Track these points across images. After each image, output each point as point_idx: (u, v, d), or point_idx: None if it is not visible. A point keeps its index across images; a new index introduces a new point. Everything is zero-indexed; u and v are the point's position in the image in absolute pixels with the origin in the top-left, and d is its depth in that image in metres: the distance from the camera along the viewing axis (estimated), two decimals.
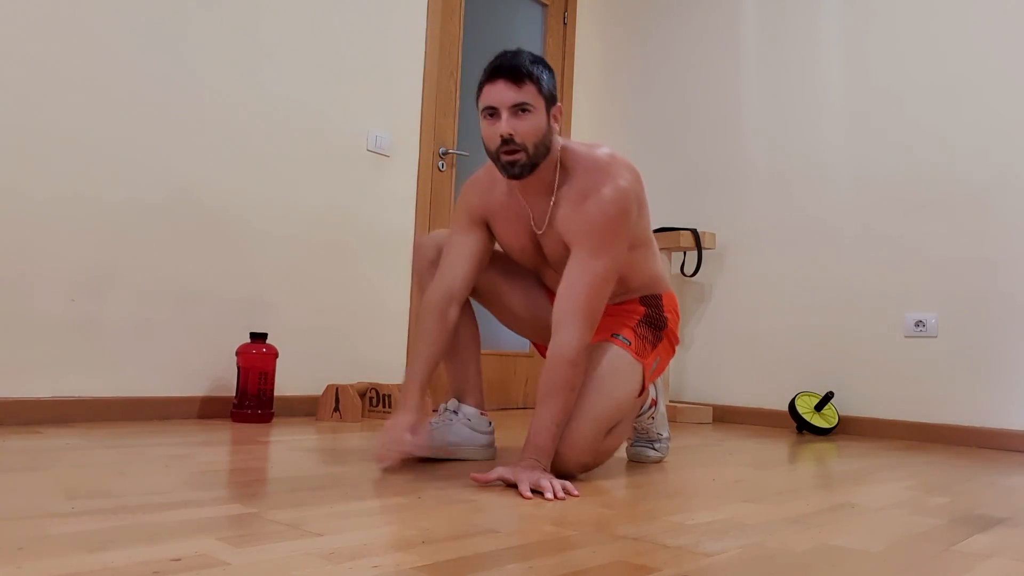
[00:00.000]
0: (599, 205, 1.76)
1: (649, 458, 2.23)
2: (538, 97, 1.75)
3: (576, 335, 1.72)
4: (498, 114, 1.75)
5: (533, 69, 1.75)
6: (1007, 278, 3.17)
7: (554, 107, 1.80)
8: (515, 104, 1.73)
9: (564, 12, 4.28)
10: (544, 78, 1.77)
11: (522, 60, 1.75)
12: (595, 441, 1.83)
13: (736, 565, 1.16)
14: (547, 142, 1.79)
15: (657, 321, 2.02)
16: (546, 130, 1.77)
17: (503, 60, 1.76)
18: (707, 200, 4.01)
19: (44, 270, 2.45)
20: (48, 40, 2.46)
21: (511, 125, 1.74)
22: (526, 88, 1.74)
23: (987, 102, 3.26)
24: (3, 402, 2.35)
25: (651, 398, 2.16)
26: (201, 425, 2.56)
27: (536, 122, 1.75)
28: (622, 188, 1.77)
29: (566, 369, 1.71)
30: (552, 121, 1.80)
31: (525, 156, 1.76)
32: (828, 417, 3.42)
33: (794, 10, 3.82)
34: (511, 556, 1.14)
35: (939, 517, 1.62)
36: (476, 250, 1.97)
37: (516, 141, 1.74)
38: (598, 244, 1.76)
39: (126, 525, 1.20)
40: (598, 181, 1.78)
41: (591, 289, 1.74)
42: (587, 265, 1.75)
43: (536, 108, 1.75)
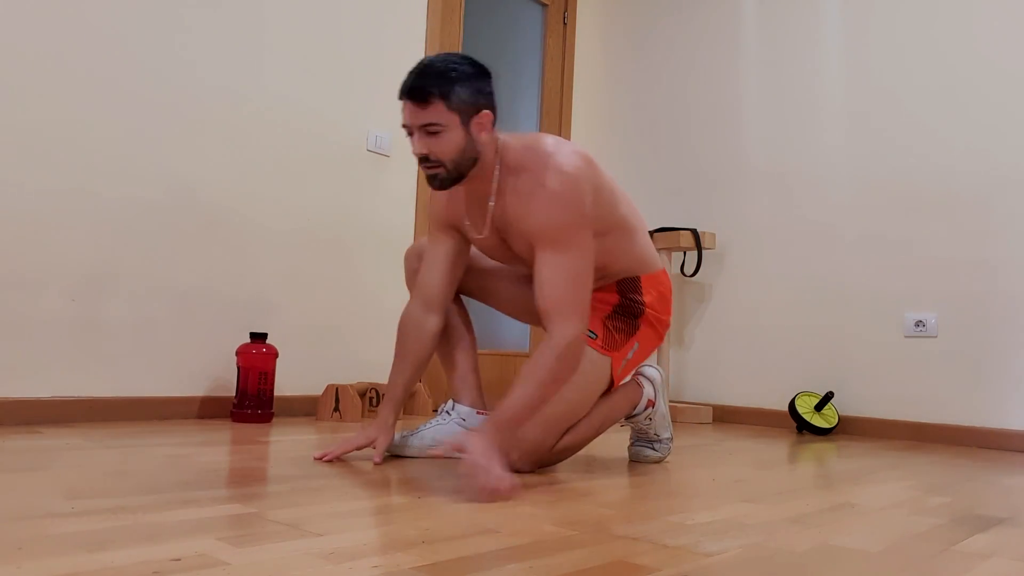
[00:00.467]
0: (548, 198, 1.72)
1: (648, 458, 2.22)
2: (448, 113, 1.69)
3: (572, 327, 1.70)
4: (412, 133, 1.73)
5: (438, 86, 1.68)
6: (1007, 278, 3.17)
7: (476, 116, 1.73)
8: (423, 125, 1.70)
9: (564, 12, 4.28)
10: (456, 91, 1.69)
11: (427, 78, 1.69)
12: (543, 445, 1.89)
13: (736, 565, 1.16)
14: (471, 154, 1.75)
15: (632, 308, 1.99)
16: (465, 144, 1.73)
17: (408, 78, 1.71)
18: (707, 200, 4.01)
19: (44, 270, 2.45)
20: (48, 40, 2.46)
21: (424, 144, 1.72)
22: (432, 107, 1.69)
23: (987, 102, 3.26)
24: (3, 402, 2.35)
25: (647, 398, 2.14)
26: (201, 425, 2.56)
27: (450, 139, 1.71)
28: (569, 176, 1.73)
29: (557, 362, 1.69)
30: (476, 131, 1.74)
31: (444, 171, 1.74)
32: (828, 417, 3.42)
33: (794, 10, 3.82)
34: (511, 556, 1.14)
35: (939, 517, 1.62)
36: (449, 255, 1.97)
37: (431, 159, 1.73)
38: (558, 238, 1.72)
39: (126, 525, 1.20)
40: (543, 174, 1.74)
41: (568, 283, 1.72)
42: (555, 261, 1.72)
43: (447, 125, 1.70)
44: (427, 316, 1.97)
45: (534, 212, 1.73)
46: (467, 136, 1.73)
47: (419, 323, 1.97)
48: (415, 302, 1.98)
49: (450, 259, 1.97)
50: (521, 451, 1.88)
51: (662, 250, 3.83)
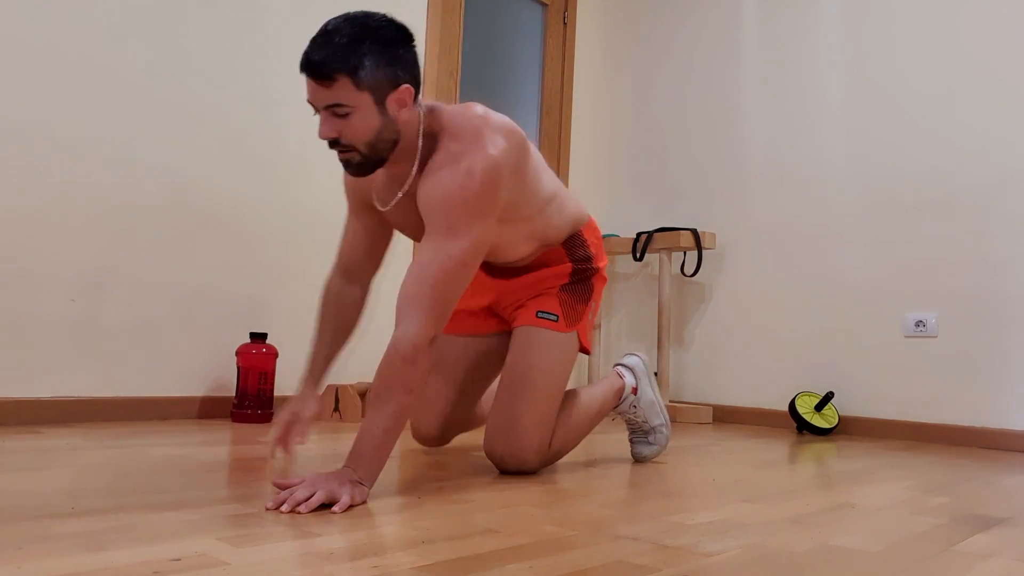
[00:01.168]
0: (458, 179, 1.52)
1: (646, 456, 2.20)
2: (357, 93, 1.45)
3: (417, 328, 1.49)
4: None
5: (344, 61, 1.43)
6: (1007, 278, 3.17)
7: (393, 92, 1.49)
8: (328, 105, 1.47)
9: (564, 12, 4.28)
10: (366, 65, 1.44)
11: (329, 51, 1.43)
12: (543, 444, 1.87)
13: (736, 565, 1.16)
14: (388, 135, 1.52)
15: (585, 271, 1.96)
16: (380, 125, 1.50)
17: (309, 49, 1.45)
18: (707, 200, 4.01)
19: (44, 270, 2.45)
20: (48, 40, 2.46)
21: (331, 127, 1.49)
22: (338, 86, 1.44)
23: (986, 103, 3.26)
24: (3, 402, 2.35)
25: (628, 386, 2.12)
26: (201, 425, 2.56)
27: (361, 121, 1.48)
28: (489, 158, 1.54)
29: (402, 367, 1.48)
30: (394, 109, 1.51)
31: (358, 155, 1.52)
32: (828, 417, 3.42)
33: (794, 11, 3.82)
34: (511, 556, 1.14)
35: (939, 517, 1.62)
36: (368, 230, 1.82)
37: (342, 143, 1.50)
38: (456, 222, 1.52)
39: (126, 525, 1.20)
40: (460, 151, 1.54)
41: (443, 274, 1.51)
42: (441, 247, 1.52)
43: (357, 105, 1.46)
44: (348, 287, 1.85)
45: (440, 190, 1.53)
46: (382, 116, 1.50)
47: (340, 293, 1.84)
48: (335, 274, 1.86)
49: (369, 234, 1.82)
50: (522, 457, 1.86)
51: (662, 250, 3.83)
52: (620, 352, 4.27)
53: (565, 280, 1.95)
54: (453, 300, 1.54)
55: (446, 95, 3.64)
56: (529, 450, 1.86)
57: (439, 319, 1.52)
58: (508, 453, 1.86)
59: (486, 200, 1.54)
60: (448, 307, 1.53)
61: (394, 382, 1.48)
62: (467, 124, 1.57)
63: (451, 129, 1.57)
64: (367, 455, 1.47)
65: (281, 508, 1.34)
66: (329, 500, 1.38)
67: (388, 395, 1.48)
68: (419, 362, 1.49)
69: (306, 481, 1.41)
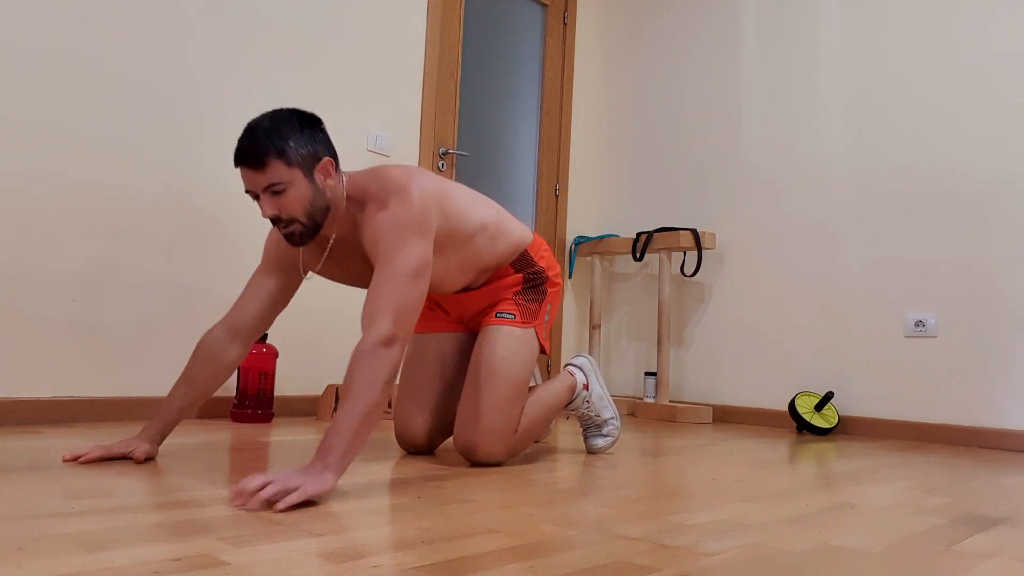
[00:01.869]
0: (394, 209, 1.72)
1: (601, 448, 2.34)
2: (289, 170, 1.66)
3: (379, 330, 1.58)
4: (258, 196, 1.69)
5: (272, 145, 1.64)
6: (1007, 278, 3.17)
7: (318, 165, 1.71)
8: (266, 187, 1.66)
9: (564, 12, 4.28)
10: (291, 146, 1.66)
11: (257, 140, 1.65)
12: (508, 429, 1.98)
13: (736, 565, 1.16)
14: (321, 203, 1.72)
15: (536, 279, 2.12)
16: (313, 194, 1.70)
17: (240, 144, 1.66)
18: (707, 200, 4.01)
19: (44, 270, 2.45)
20: (48, 41, 2.46)
21: (272, 205, 1.67)
22: (271, 168, 1.65)
23: (987, 102, 3.26)
24: (3, 402, 2.35)
25: (579, 383, 2.27)
26: (201, 425, 2.56)
27: (296, 194, 1.68)
28: (417, 189, 1.75)
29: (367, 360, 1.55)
30: (321, 180, 1.72)
31: (300, 226, 1.71)
32: (828, 417, 3.42)
33: (793, 11, 3.82)
34: (511, 556, 1.14)
35: (939, 517, 1.62)
36: (273, 292, 1.89)
37: (284, 218, 1.69)
38: (400, 242, 1.69)
39: (126, 525, 1.20)
40: (387, 196, 1.74)
41: (397, 287, 1.64)
42: (391, 264, 1.67)
43: (291, 181, 1.66)
44: (230, 345, 1.86)
45: (377, 225, 1.71)
46: (313, 187, 1.70)
47: (219, 350, 1.85)
48: (222, 326, 1.87)
49: (273, 296, 1.90)
50: (490, 440, 1.96)
51: (662, 250, 3.83)
52: (620, 352, 4.27)
53: (518, 287, 2.11)
54: (409, 310, 1.65)
55: (446, 95, 3.65)
56: (495, 435, 1.96)
57: (397, 323, 1.61)
58: (475, 440, 1.95)
59: (422, 220, 1.73)
60: (404, 314, 1.64)
61: (356, 376, 1.54)
62: (388, 178, 1.77)
63: (375, 187, 1.77)
64: (332, 444, 1.49)
65: (235, 502, 1.37)
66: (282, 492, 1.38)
67: (352, 388, 1.53)
68: (378, 354, 1.56)
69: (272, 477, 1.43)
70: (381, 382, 1.54)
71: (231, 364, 1.88)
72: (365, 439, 1.52)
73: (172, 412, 1.84)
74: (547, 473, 1.93)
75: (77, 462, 1.73)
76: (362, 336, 1.61)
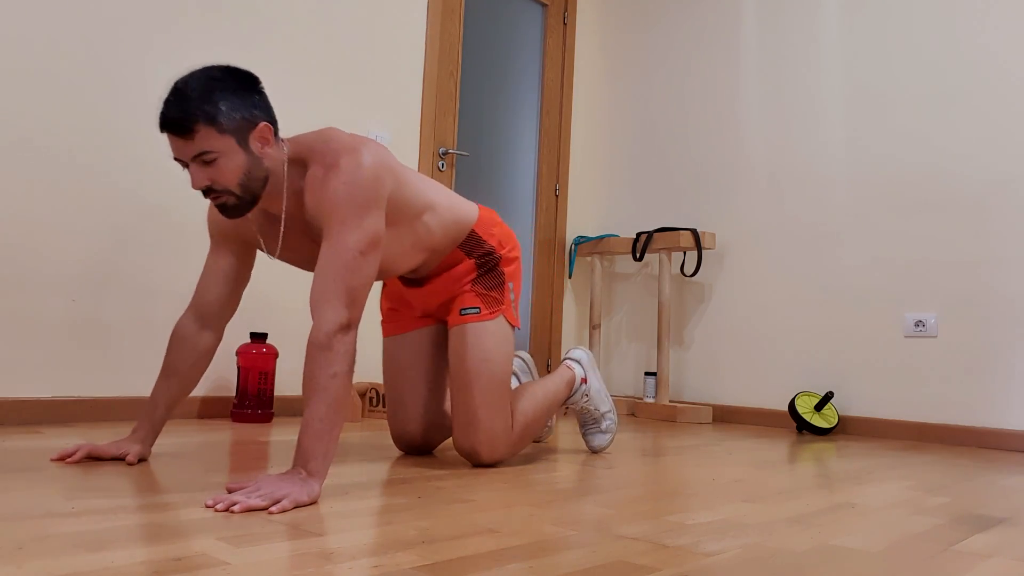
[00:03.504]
0: (343, 176, 1.58)
1: (601, 446, 2.35)
2: (220, 137, 1.52)
3: (327, 317, 1.51)
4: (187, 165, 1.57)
5: (201, 111, 1.50)
6: (1007, 278, 3.17)
7: (254, 131, 1.57)
8: (195, 156, 1.53)
9: (564, 12, 4.28)
10: (223, 110, 1.52)
11: (186, 107, 1.50)
12: (506, 427, 1.98)
13: (736, 565, 1.16)
14: (258, 173, 1.59)
15: (488, 261, 2.04)
16: (248, 164, 1.57)
17: (164, 110, 1.52)
18: (707, 200, 4.02)
19: (44, 270, 2.45)
20: (49, 41, 2.46)
21: (203, 176, 1.55)
22: (200, 136, 1.51)
23: (987, 101, 3.26)
24: (3, 402, 2.35)
25: (578, 377, 2.26)
26: (201, 425, 2.56)
27: (229, 164, 1.54)
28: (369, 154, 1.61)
29: (319, 355, 1.49)
30: (258, 148, 1.59)
31: (233, 198, 1.58)
32: (828, 417, 3.42)
33: (793, 11, 3.82)
34: (511, 556, 1.14)
35: (939, 517, 1.62)
36: (231, 269, 1.82)
37: (216, 189, 1.56)
38: (347, 216, 1.56)
39: (126, 525, 1.20)
40: (336, 160, 1.59)
41: (345, 267, 1.54)
42: (338, 240, 1.55)
43: (223, 150, 1.53)
44: (201, 332, 1.81)
45: (328, 192, 1.57)
46: (248, 156, 1.57)
47: (192, 339, 1.80)
48: (189, 315, 1.81)
49: (230, 275, 1.81)
50: (491, 442, 1.95)
51: (662, 250, 3.83)
52: (620, 352, 4.27)
53: (473, 275, 2.03)
54: (361, 291, 1.56)
55: (446, 95, 3.65)
56: (494, 437, 1.95)
57: (350, 308, 1.53)
58: (476, 446, 1.95)
59: (372, 191, 1.60)
60: (357, 297, 1.55)
61: (316, 372, 1.49)
62: (337, 138, 1.63)
63: (321, 146, 1.63)
64: (310, 450, 1.47)
65: (216, 507, 1.34)
66: (270, 501, 1.36)
67: (314, 386, 1.49)
68: (335, 347, 1.50)
69: (254, 483, 1.43)
70: (343, 375, 1.49)
71: (208, 351, 1.82)
72: (338, 436, 1.51)
73: (159, 410, 1.80)
74: (547, 473, 1.93)
75: (64, 462, 1.71)
76: (313, 323, 1.52)
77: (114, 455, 1.75)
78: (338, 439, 1.49)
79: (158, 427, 1.82)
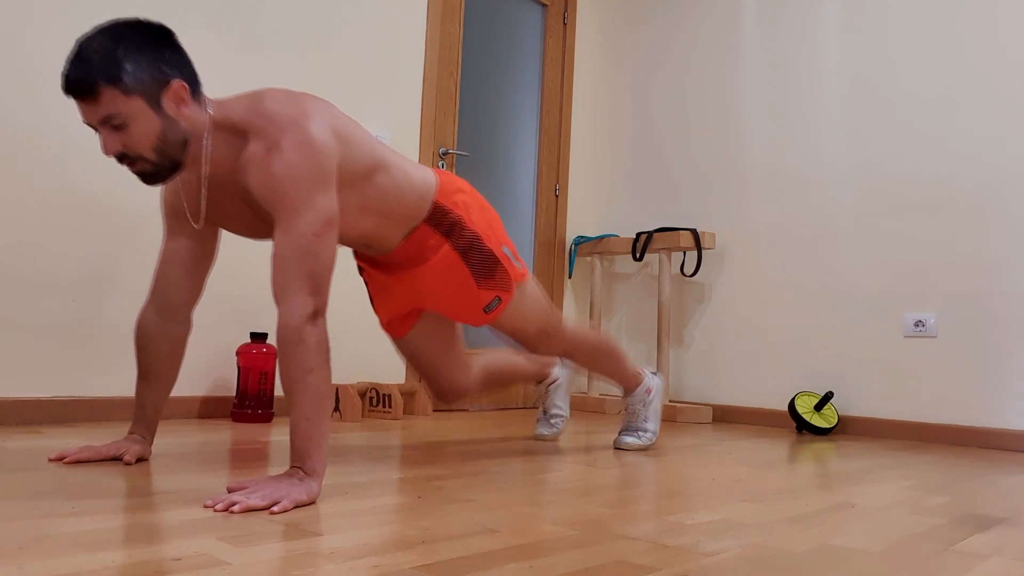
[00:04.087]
0: (288, 156, 1.47)
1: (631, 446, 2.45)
2: (127, 99, 1.43)
3: (291, 309, 1.45)
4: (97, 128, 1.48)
5: (103, 71, 1.40)
6: (1006, 278, 3.17)
7: (166, 91, 1.47)
8: (102, 120, 1.44)
9: (564, 12, 4.28)
10: (127, 70, 1.42)
11: (86, 65, 1.40)
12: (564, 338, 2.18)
13: (736, 565, 1.16)
14: (175, 136, 1.50)
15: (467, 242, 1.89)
16: (162, 127, 1.48)
17: (65, 71, 1.42)
18: (707, 200, 4.01)
19: (44, 270, 2.45)
20: (49, 40, 2.46)
21: (113, 141, 1.46)
22: (105, 98, 1.42)
23: (986, 103, 3.26)
24: (3, 402, 2.35)
25: (647, 386, 2.45)
26: (201, 425, 2.56)
27: (140, 128, 1.45)
28: (312, 126, 1.50)
29: (291, 352, 1.44)
30: (172, 108, 1.48)
31: (150, 165, 1.50)
32: (828, 417, 3.42)
33: (794, 11, 3.82)
34: (511, 556, 1.14)
35: (939, 517, 1.62)
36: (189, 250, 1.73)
37: (129, 155, 1.48)
38: (297, 199, 1.47)
39: (126, 525, 1.20)
40: (279, 134, 1.48)
41: (302, 253, 1.46)
42: (290, 225, 1.47)
43: (131, 113, 1.44)
44: (167, 325, 1.74)
45: (272, 176, 1.48)
46: (162, 118, 1.47)
47: (160, 334, 1.74)
48: (151, 309, 1.74)
49: (188, 259, 1.73)
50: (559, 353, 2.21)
51: (662, 250, 3.83)
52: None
53: (463, 266, 1.90)
54: (323, 275, 1.49)
55: (446, 95, 3.65)
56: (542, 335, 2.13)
57: (313, 294, 1.47)
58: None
59: (319, 168, 1.50)
60: (320, 282, 1.48)
61: (291, 369, 1.45)
62: (275, 111, 1.51)
63: (261, 122, 1.52)
64: (304, 450, 1.45)
65: (216, 507, 1.34)
66: (270, 502, 1.36)
67: (293, 384, 1.45)
68: (305, 340, 1.44)
69: (254, 483, 1.43)
70: (319, 368, 1.45)
71: (179, 342, 1.76)
72: (328, 429, 1.48)
73: (147, 411, 1.78)
74: (547, 473, 1.93)
75: (62, 462, 1.70)
76: (279, 313, 1.46)
77: (112, 455, 1.74)
78: (328, 432, 1.48)
79: (152, 427, 1.80)
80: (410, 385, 3.29)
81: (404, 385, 3.27)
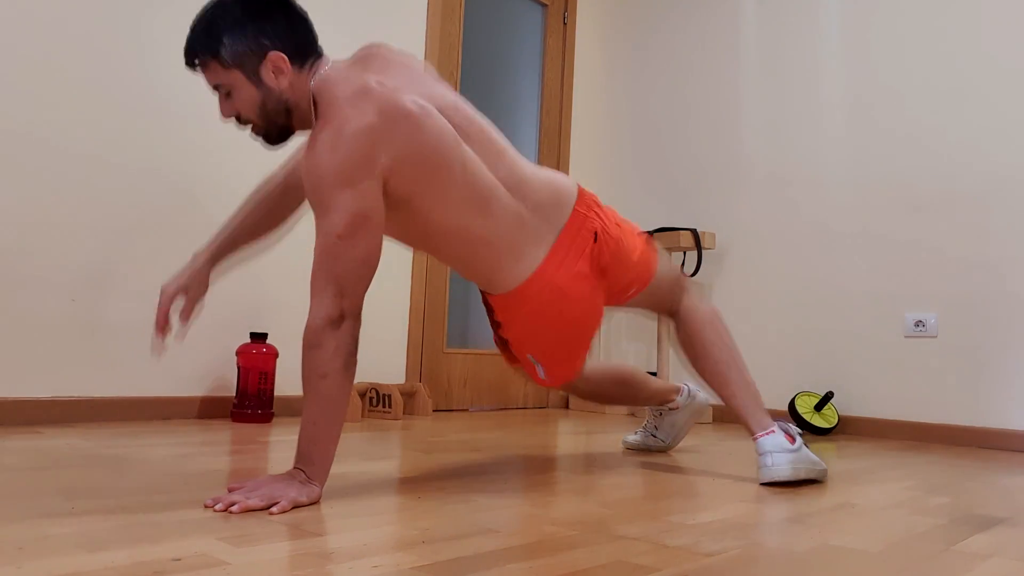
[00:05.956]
0: (319, 149, 1.45)
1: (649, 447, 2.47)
2: (227, 71, 1.51)
3: (314, 313, 1.44)
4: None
5: (203, 45, 1.50)
6: (1007, 278, 3.17)
7: (262, 63, 1.52)
8: (214, 87, 1.55)
9: (564, 12, 4.28)
10: (225, 44, 1.49)
11: (192, 41, 1.52)
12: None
13: (736, 565, 1.16)
14: (276, 105, 1.55)
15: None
16: (262, 95, 1.54)
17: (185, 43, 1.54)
18: (707, 200, 4.01)
19: (44, 270, 2.45)
20: (49, 41, 2.46)
21: (228, 107, 1.56)
22: (210, 70, 1.53)
23: (987, 101, 3.26)
24: (3, 402, 2.35)
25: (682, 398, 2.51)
26: (201, 425, 2.56)
27: (243, 96, 1.54)
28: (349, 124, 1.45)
29: (309, 355, 1.44)
30: (271, 79, 1.53)
31: (259, 128, 1.58)
32: (828, 417, 3.42)
33: (794, 11, 3.82)
34: (511, 556, 1.14)
35: (939, 517, 1.62)
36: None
37: (242, 119, 1.57)
38: (323, 198, 1.45)
39: (126, 525, 1.20)
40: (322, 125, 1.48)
41: (326, 255, 1.44)
42: (319, 227, 1.46)
43: (233, 83, 1.52)
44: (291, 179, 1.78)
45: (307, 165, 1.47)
46: (260, 88, 1.54)
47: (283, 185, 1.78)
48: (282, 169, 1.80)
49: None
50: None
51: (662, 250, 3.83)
52: (620, 352, 4.27)
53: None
54: (350, 276, 1.45)
55: None
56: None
57: (339, 297, 1.44)
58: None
59: (349, 168, 1.44)
60: (345, 284, 1.45)
61: (307, 372, 1.44)
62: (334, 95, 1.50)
63: (321, 97, 1.53)
64: (307, 453, 1.45)
65: (216, 507, 1.34)
66: (268, 502, 1.36)
67: (306, 387, 1.45)
68: (323, 344, 1.43)
69: (254, 483, 1.42)
70: (334, 374, 1.43)
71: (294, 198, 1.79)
72: (337, 436, 1.47)
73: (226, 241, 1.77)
74: (547, 473, 1.93)
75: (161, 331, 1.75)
76: (309, 313, 1.45)
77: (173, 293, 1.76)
78: (337, 439, 1.47)
79: (218, 259, 1.76)
80: (410, 385, 3.29)
81: (404, 385, 3.27)
